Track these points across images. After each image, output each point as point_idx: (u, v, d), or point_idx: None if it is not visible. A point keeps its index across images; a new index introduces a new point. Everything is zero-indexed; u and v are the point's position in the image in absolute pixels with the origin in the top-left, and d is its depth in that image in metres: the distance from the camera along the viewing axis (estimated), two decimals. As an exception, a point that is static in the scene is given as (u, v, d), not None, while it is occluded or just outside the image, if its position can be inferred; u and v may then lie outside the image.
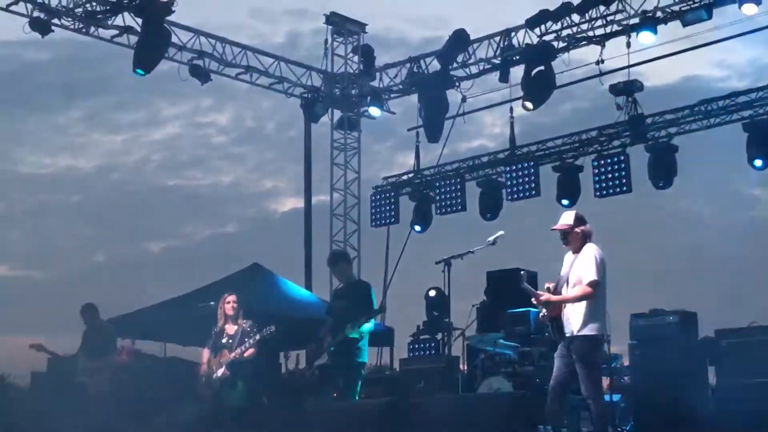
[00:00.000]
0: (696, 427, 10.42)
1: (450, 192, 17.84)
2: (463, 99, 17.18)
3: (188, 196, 34.36)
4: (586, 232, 8.41)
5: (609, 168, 15.97)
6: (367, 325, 9.74)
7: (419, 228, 18.22)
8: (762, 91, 15.03)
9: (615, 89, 15.41)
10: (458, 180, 17.83)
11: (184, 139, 35.49)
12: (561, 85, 15.79)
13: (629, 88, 15.34)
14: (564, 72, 15.58)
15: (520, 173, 16.96)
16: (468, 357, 13.47)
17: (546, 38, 15.67)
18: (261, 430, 9.68)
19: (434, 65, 17.23)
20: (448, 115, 17.02)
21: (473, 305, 14.61)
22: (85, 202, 33.86)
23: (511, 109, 16.93)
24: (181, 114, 35.46)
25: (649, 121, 15.77)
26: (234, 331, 11.03)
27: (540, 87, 15.49)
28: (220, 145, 35.49)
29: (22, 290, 31.70)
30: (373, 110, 18.95)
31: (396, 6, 31.65)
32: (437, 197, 18.03)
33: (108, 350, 12.98)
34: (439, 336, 15.56)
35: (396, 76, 18.46)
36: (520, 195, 16.88)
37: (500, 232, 10.97)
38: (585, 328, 8.15)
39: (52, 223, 34.32)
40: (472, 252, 11.34)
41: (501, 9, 25.43)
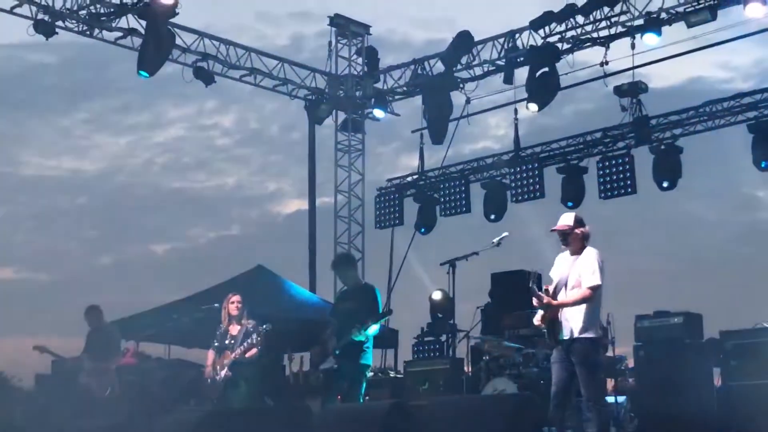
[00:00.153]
0: (701, 429, 10.40)
1: (454, 194, 17.85)
2: (468, 101, 17.22)
3: (192, 199, 34.29)
4: (585, 233, 8.42)
5: (614, 169, 15.97)
6: (374, 328, 9.72)
7: (424, 230, 18.21)
8: (767, 92, 15.02)
9: (619, 91, 15.42)
10: (462, 182, 17.83)
11: (188, 141, 35.42)
12: (565, 87, 15.79)
13: (634, 90, 15.34)
14: (568, 73, 15.59)
15: (524, 175, 16.96)
16: (472, 359, 13.45)
17: (550, 40, 15.67)
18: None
19: (438, 67, 17.26)
20: (452, 116, 17.02)
21: (478, 307, 14.57)
22: (90, 205, 33.82)
23: (516, 110, 16.95)
24: (185, 116, 35.35)
25: (653, 122, 15.77)
26: (237, 331, 10.93)
27: (544, 88, 15.48)
28: (224, 148, 35.43)
29: (27, 292, 31.68)
30: (377, 112, 18.95)
31: (400, 8, 31.57)
32: (442, 199, 18.03)
33: (112, 352, 12.97)
34: (443, 338, 15.55)
35: (400, 78, 18.49)
36: (525, 196, 16.88)
37: (505, 233, 10.97)
38: (587, 331, 8.17)
39: (57, 226, 34.30)
40: (476, 254, 11.34)
41: (505, 11, 25.38)
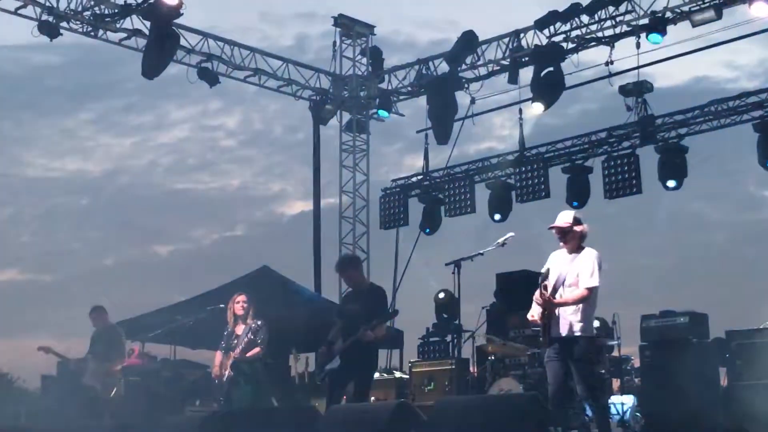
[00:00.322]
0: (707, 429, 10.38)
1: (459, 194, 17.80)
2: (472, 101, 17.17)
3: (197, 199, 34.38)
4: (584, 232, 8.44)
5: (619, 169, 15.91)
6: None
7: (428, 230, 18.19)
8: (772, 91, 14.99)
9: (624, 90, 15.39)
10: (467, 182, 17.79)
11: (193, 142, 35.51)
12: (570, 87, 15.77)
13: (639, 89, 15.31)
14: (573, 73, 15.60)
15: (529, 175, 16.93)
16: (478, 359, 13.44)
17: (555, 39, 15.65)
18: (270, 432, 9.65)
19: (443, 67, 17.24)
20: (456, 116, 17.00)
21: (483, 307, 14.56)
22: (94, 206, 33.89)
23: (521, 110, 16.91)
24: (189, 117, 35.45)
25: (658, 121, 15.73)
26: (241, 331, 10.92)
27: (549, 88, 15.46)
28: (228, 148, 35.49)
29: (32, 293, 31.75)
30: (382, 112, 18.95)
31: (404, 8, 31.65)
32: (446, 199, 17.99)
33: (117, 353, 12.98)
34: (448, 338, 15.54)
35: (404, 78, 18.47)
36: (530, 197, 16.84)
37: (510, 233, 10.95)
38: (584, 330, 8.21)
39: (61, 227, 34.37)
40: (481, 254, 11.31)
41: (510, 10, 25.44)
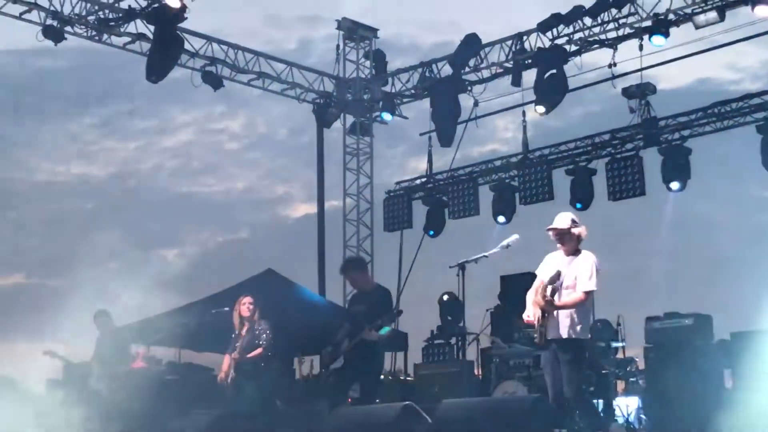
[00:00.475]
0: (712, 431, 10.37)
1: (463, 196, 17.85)
2: (476, 103, 17.21)
3: (201, 203, 34.31)
4: (581, 234, 8.43)
5: (622, 171, 15.96)
6: (385, 329, 9.63)
7: (432, 232, 18.22)
8: (775, 93, 15.01)
9: (628, 92, 15.43)
10: (471, 184, 17.83)
11: (197, 145, 35.43)
12: (573, 89, 15.79)
13: (642, 91, 15.36)
14: (576, 75, 15.63)
15: (533, 177, 16.95)
16: (482, 361, 13.44)
17: (558, 42, 15.67)
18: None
19: (446, 70, 17.28)
20: (460, 119, 17.02)
21: (487, 309, 14.58)
22: (99, 210, 33.86)
23: (524, 113, 16.96)
24: (194, 121, 35.35)
25: (662, 123, 15.76)
26: (246, 332, 10.90)
27: (552, 91, 15.48)
28: (232, 152, 35.41)
29: (38, 297, 31.72)
30: (386, 115, 18.98)
31: (407, 11, 31.56)
32: (450, 201, 18.04)
33: (122, 356, 12.97)
34: (453, 340, 15.55)
35: (408, 81, 18.50)
36: (534, 199, 16.87)
37: (514, 236, 10.92)
38: (580, 332, 8.23)
39: (66, 231, 34.35)
40: (485, 256, 11.29)
41: (513, 13, 25.44)
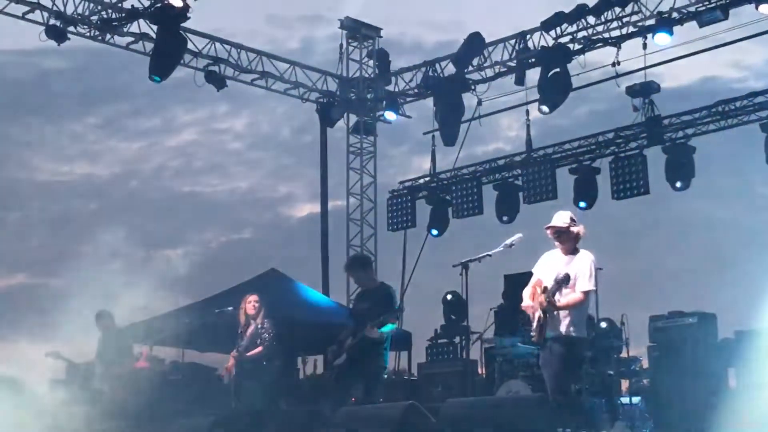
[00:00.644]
0: (716, 430, 10.36)
1: (467, 195, 17.83)
2: (479, 102, 17.20)
3: (205, 203, 34.33)
4: (580, 233, 8.42)
5: (626, 170, 15.94)
6: (389, 326, 9.59)
7: (436, 232, 18.22)
8: (780, 91, 14.98)
9: (631, 91, 15.40)
10: (475, 183, 17.81)
11: (200, 145, 35.46)
12: (577, 87, 15.75)
13: (646, 90, 15.32)
14: (580, 74, 15.57)
15: (536, 176, 16.93)
16: (486, 360, 13.44)
17: (561, 40, 15.63)
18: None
19: (450, 69, 17.23)
20: (463, 118, 17.01)
21: (491, 308, 14.58)
22: (103, 210, 33.88)
23: (527, 111, 16.98)
24: (197, 120, 35.38)
25: (666, 122, 15.74)
26: (250, 330, 10.90)
27: (556, 89, 15.44)
28: (235, 152, 35.43)
29: (41, 297, 31.73)
30: (389, 114, 18.96)
31: (410, 10, 31.53)
32: (454, 201, 18.02)
33: (125, 356, 12.96)
34: (456, 340, 15.54)
35: (411, 80, 18.48)
36: (537, 198, 16.84)
37: (518, 234, 10.91)
38: (578, 331, 8.21)
39: (69, 231, 34.36)
40: (489, 255, 11.27)
41: (516, 12, 25.34)
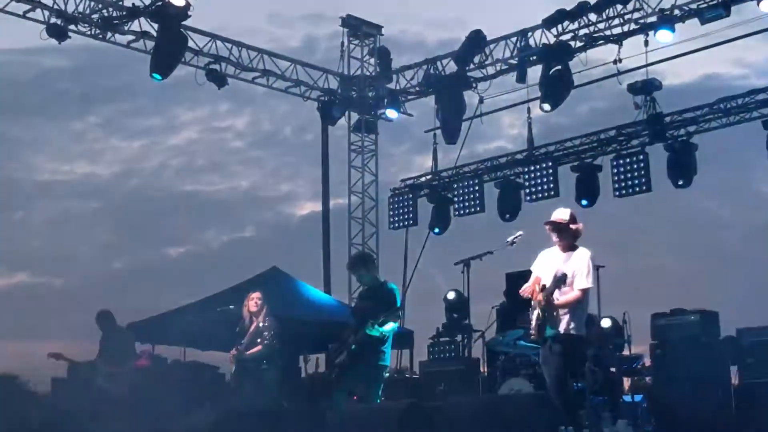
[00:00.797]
0: (718, 428, 10.35)
1: (468, 193, 17.81)
2: (481, 100, 17.17)
3: (206, 201, 34.36)
4: (579, 230, 8.41)
5: (628, 167, 15.92)
6: (390, 325, 9.56)
7: (438, 230, 18.21)
8: (781, 88, 14.96)
9: (633, 88, 15.36)
10: (476, 181, 17.80)
11: (202, 144, 35.48)
12: (579, 85, 15.74)
13: (647, 87, 15.28)
14: (582, 72, 15.57)
15: (538, 174, 16.91)
16: (488, 359, 13.41)
17: (563, 38, 15.63)
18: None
19: (451, 66, 17.22)
20: (465, 116, 17.00)
21: (492, 307, 14.53)
22: (104, 209, 33.90)
23: (529, 109, 16.98)
24: (198, 119, 35.40)
25: (667, 119, 15.71)
26: (253, 328, 10.90)
27: (558, 87, 15.44)
28: (237, 150, 35.46)
29: (42, 297, 31.76)
30: (390, 112, 18.94)
31: (412, 8, 31.58)
32: (455, 199, 18.00)
33: (126, 355, 12.98)
34: (458, 338, 15.52)
35: (413, 78, 18.46)
36: (539, 195, 16.83)
37: (519, 232, 10.91)
38: (576, 329, 8.22)
39: (71, 230, 34.38)
40: (491, 253, 11.30)
41: (517, 9, 25.42)
